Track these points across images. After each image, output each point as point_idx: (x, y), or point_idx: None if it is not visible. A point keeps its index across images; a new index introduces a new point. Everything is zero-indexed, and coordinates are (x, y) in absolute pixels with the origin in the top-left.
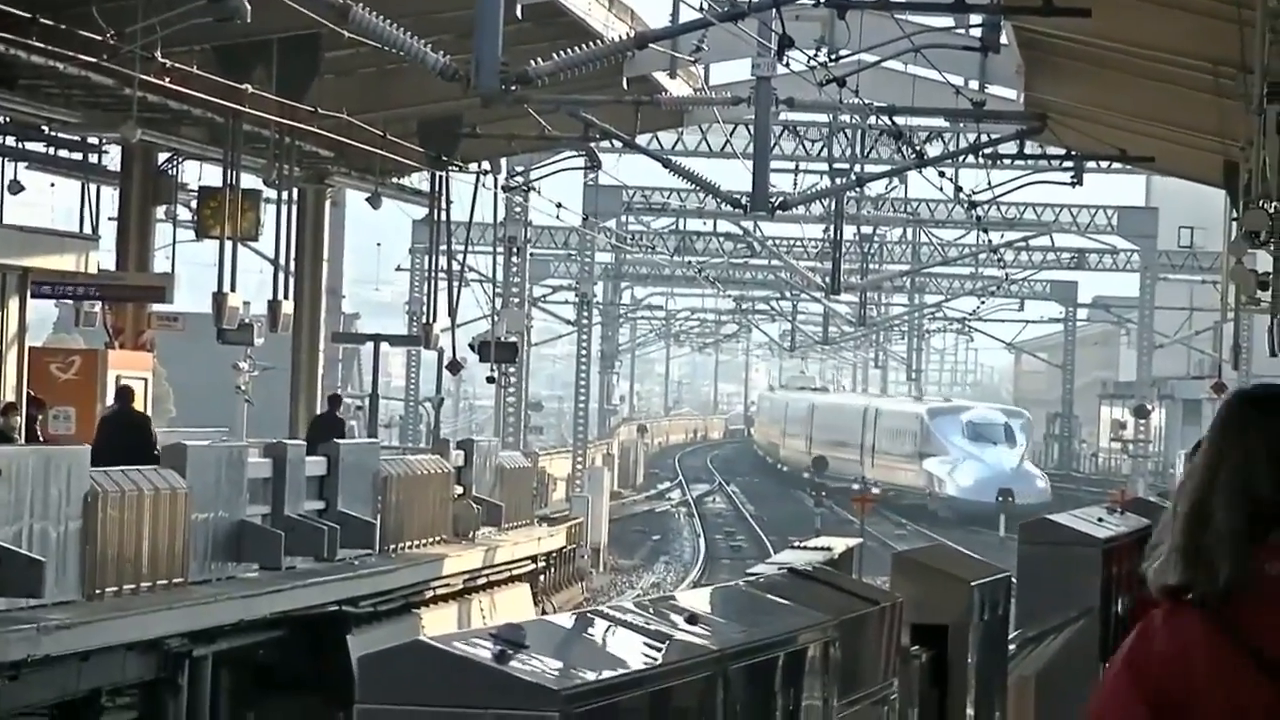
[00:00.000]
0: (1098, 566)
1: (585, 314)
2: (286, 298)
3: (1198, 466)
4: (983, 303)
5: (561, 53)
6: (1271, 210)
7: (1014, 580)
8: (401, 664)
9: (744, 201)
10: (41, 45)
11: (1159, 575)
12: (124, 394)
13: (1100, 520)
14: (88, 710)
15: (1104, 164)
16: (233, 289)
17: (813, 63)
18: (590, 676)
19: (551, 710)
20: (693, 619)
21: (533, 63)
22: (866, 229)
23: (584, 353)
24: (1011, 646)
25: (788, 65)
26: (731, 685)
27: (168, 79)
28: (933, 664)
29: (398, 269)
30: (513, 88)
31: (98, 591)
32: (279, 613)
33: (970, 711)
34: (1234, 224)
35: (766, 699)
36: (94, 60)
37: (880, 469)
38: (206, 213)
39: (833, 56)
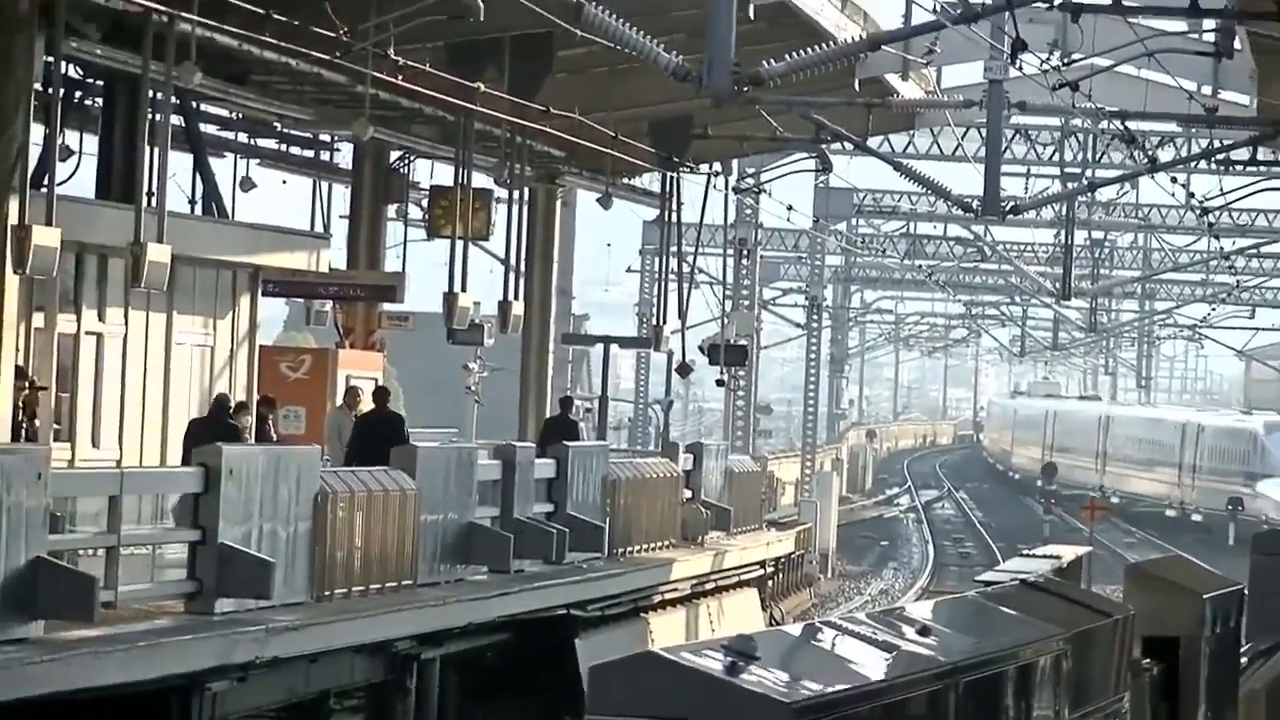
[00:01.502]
0: None
1: (815, 317)
2: (517, 298)
3: None
4: (1213, 310)
5: (793, 54)
6: None
7: (1245, 592)
8: (632, 675)
9: (975, 205)
10: (274, 41)
11: None
12: (380, 395)
13: None
14: (316, 712)
15: None
16: (464, 289)
17: (1045, 66)
18: (819, 688)
19: None
20: (924, 630)
21: (765, 63)
22: (1097, 234)
23: (813, 356)
24: (1243, 659)
25: (1020, 68)
26: (962, 697)
27: (400, 77)
28: (1164, 677)
29: (628, 270)
30: (744, 88)
31: (326, 593)
32: (507, 616)
33: None
34: None
35: (996, 711)
36: (327, 57)
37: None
38: (438, 212)
39: (1065, 60)
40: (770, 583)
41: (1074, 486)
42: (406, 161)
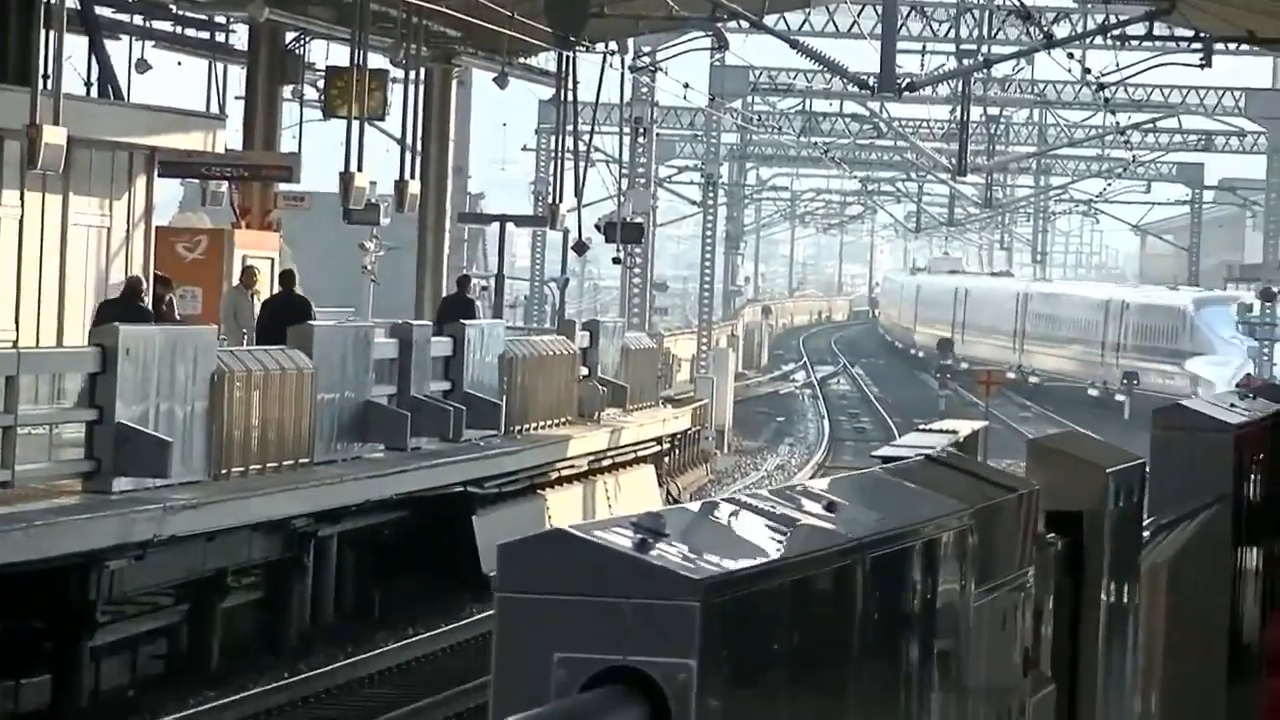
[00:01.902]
0: (1230, 452)
1: (711, 195)
2: (414, 178)
3: None
4: (1109, 185)
5: None
6: None
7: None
8: (542, 552)
9: (871, 82)
10: None
11: None
12: (286, 278)
13: (1232, 405)
14: (214, 590)
15: (1232, 45)
16: (360, 169)
17: None
18: (730, 565)
19: (692, 599)
20: (830, 506)
21: None
22: (993, 110)
23: (709, 233)
24: (1145, 534)
25: None
26: (870, 574)
27: None
28: (1068, 551)
29: (523, 149)
30: None
31: (224, 472)
32: (404, 493)
33: (1105, 599)
34: None
35: (904, 587)
36: None
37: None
38: (334, 92)
39: None
40: (667, 459)
41: (986, 365)
42: (302, 42)
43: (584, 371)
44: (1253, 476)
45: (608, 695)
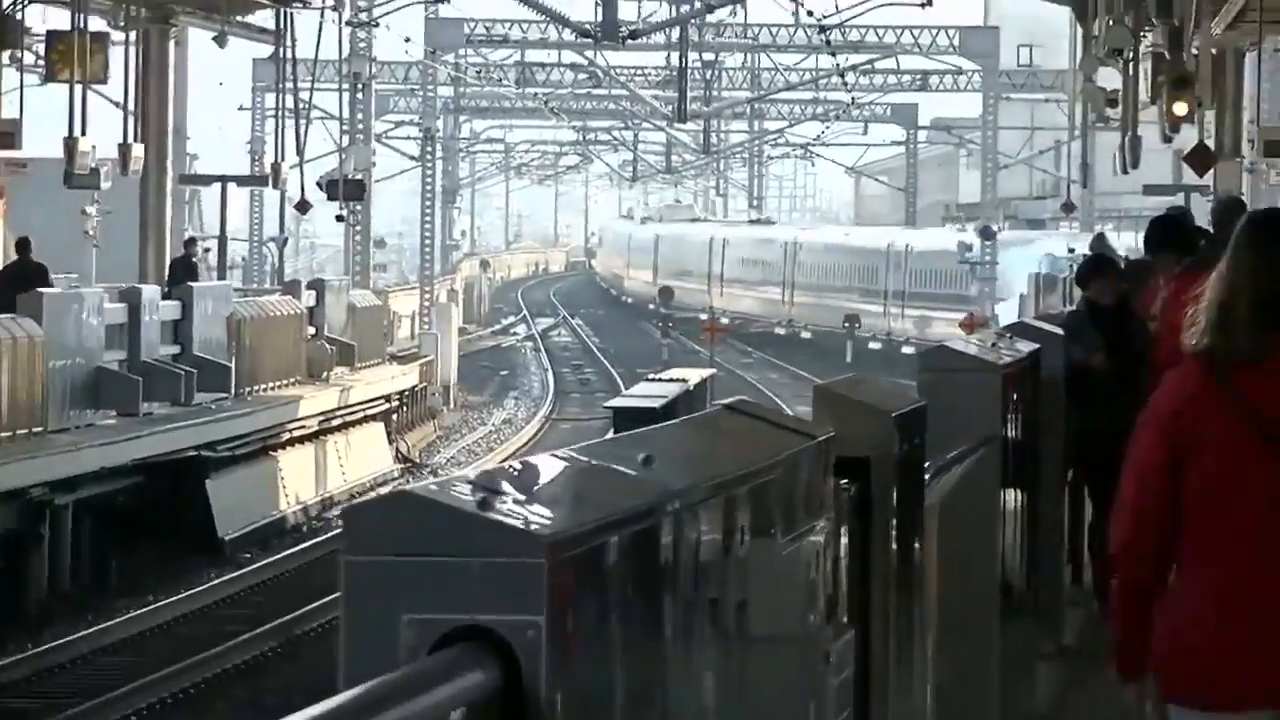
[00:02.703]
0: (998, 393)
1: (429, 149)
2: (136, 140)
3: (1223, 271)
4: (827, 128)
5: None
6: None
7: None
8: (387, 514)
9: (595, 30)
10: None
11: (1192, 342)
12: (23, 245)
13: (994, 345)
14: None
15: None
16: (84, 133)
17: None
18: (570, 521)
19: (538, 556)
20: (648, 460)
21: None
22: (708, 56)
23: (428, 188)
24: (926, 477)
25: None
26: (692, 525)
27: None
28: (858, 495)
29: (240, 109)
30: None
31: None
32: (138, 459)
33: (894, 543)
34: (1081, 43)
35: (726, 536)
36: None
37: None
38: (55, 56)
39: None
40: (395, 416)
41: (752, 319)
42: (19, 6)
43: (311, 331)
44: (1015, 416)
45: (458, 655)
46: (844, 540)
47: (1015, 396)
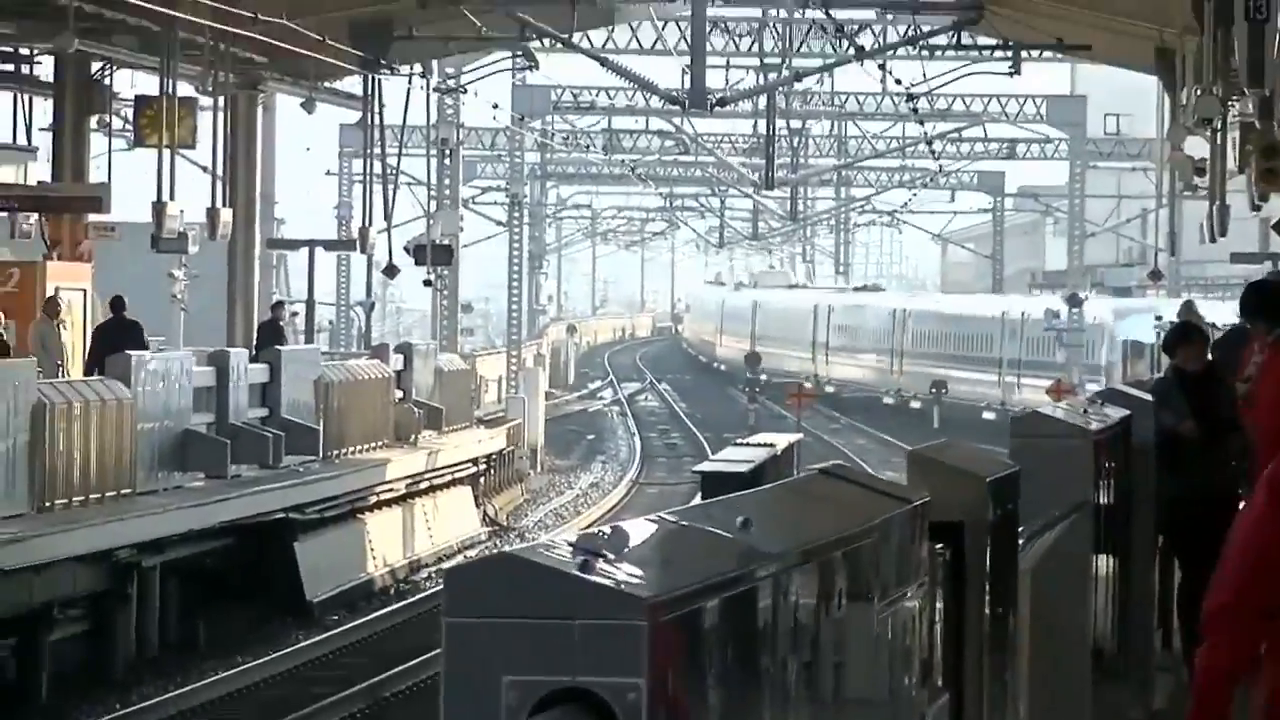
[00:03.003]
0: (1090, 459)
1: (516, 214)
2: (225, 205)
3: None
4: (914, 195)
5: None
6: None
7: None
8: (488, 576)
9: (682, 98)
10: None
11: None
12: (118, 304)
13: (1085, 412)
14: (41, 623)
15: (1037, 53)
16: (171, 197)
17: None
18: (670, 584)
19: (639, 619)
20: (746, 524)
21: None
22: (795, 123)
23: (515, 253)
24: (1020, 541)
25: None
26: (791, 588)
27: None
28: (953, 560)
29: (327, 173)
30: None
31: (47, 504)
32: (226, 521)
33: (988, 607)
34: (1169, 111)
35: (823, 600)
36: None
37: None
38: (143, 121)
39: None
40: (482, 479)
41: (868, 390)
42: (108, 71)
43: (399, 394)
44: (1108, 482)
45: (559, 717)
46: (939, 604)
47: (1109, 462)
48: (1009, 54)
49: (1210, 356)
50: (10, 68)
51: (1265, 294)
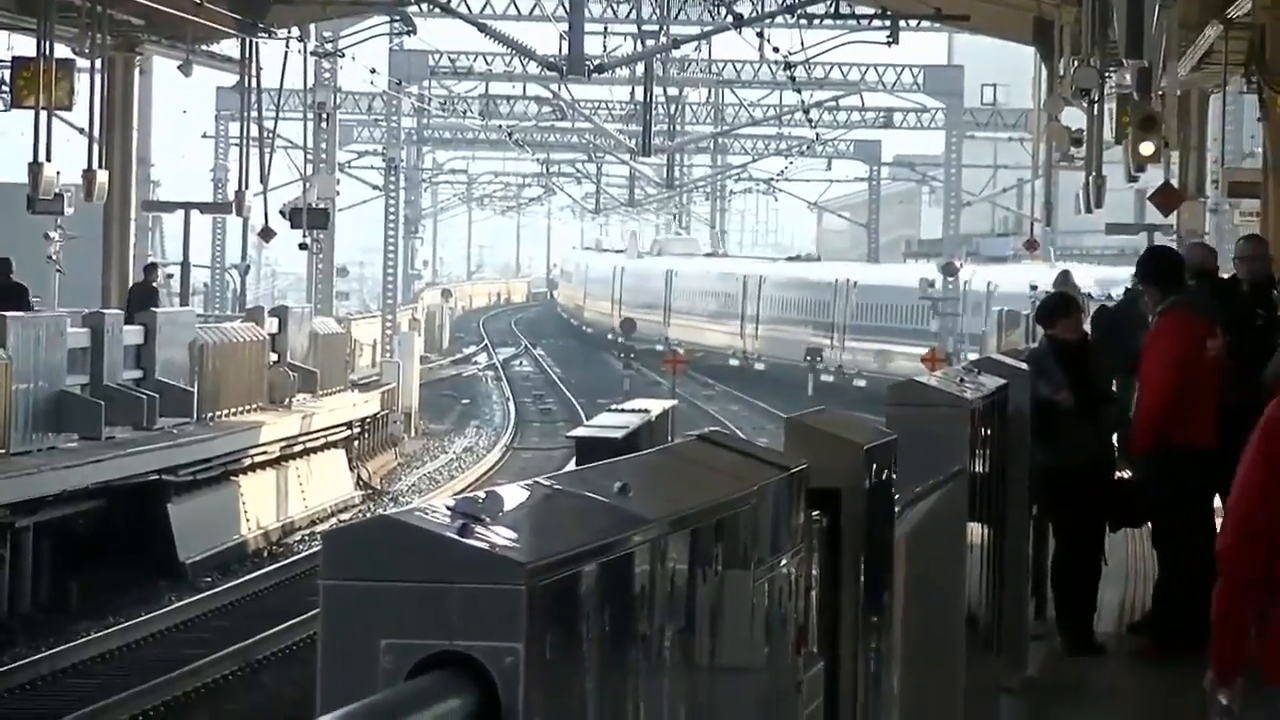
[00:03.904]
0: (966, 427)
1: (392, 179)
2: (101, 167)
3: None
4: (791, 163)
5: None
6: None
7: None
8: (367, 539)
9: (559, 64)
10: None
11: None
12: (4, 266)
13: (961, 381)
14: None
15: (915, 23)
16: (48, 159)
17: None
18: (549, 549)
19: (517, 583)
20: (624, 489)
21: None
22: (672, 90)
23: (391, 218)
24: (896, 509)
25: None
26: (667, 554)
27: None
28: (829, 528)
29: (203, 137)
30: None
31: None
32: (100, 482)
33: (863, 575)
34: (1046, 82)
35: (702, 566)
36: None
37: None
38: (20, 83)
39: None
40: (357, 443)
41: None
42: None
43: (274, 358)
44: (983, 450)
45: (435, 681)
46: (815, 572)
47: (984, 432)
48: (887, 23)
49: (1087, 330)
50: None
51: (1159, 262)
